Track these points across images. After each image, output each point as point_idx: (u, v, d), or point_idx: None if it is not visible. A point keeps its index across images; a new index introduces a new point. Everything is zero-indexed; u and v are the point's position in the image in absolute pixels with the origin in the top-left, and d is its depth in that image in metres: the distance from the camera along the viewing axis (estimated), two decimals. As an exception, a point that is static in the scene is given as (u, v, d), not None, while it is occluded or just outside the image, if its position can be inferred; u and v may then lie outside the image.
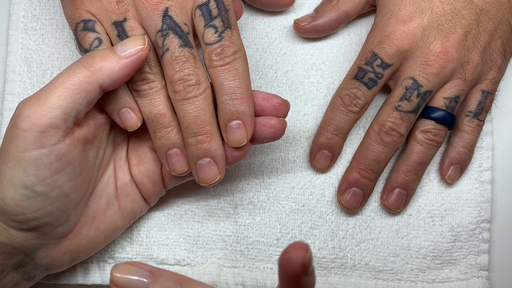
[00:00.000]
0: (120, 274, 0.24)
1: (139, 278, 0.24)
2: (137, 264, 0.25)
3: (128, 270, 0.24)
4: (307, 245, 0.24)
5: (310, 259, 0.24)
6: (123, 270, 0.24)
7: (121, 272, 0.24)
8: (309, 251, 0.24)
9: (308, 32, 0.42)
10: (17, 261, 0.32)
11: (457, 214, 0.41)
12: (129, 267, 0.25)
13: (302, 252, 0.24)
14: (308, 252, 0.24)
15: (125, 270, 0.24)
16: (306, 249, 0.24)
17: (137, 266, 0.25)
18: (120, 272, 0.24)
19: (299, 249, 0.24)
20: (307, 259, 0.24)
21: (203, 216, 0.41)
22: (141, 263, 0.25)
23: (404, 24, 0.38)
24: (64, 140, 0.31)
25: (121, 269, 0.24)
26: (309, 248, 0.24)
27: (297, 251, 0.24)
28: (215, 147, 0.33)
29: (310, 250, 0.24)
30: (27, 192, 0.30)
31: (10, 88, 0.42)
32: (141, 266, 0.25)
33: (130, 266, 0.25)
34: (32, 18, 0.43)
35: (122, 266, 0.25)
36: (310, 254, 0.24)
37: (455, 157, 0.41)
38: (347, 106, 0.39)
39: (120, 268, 0.25)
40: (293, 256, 0.24)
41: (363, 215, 0.41)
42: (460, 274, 0.41)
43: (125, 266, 0.25)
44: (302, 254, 0.24)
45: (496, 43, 0.39)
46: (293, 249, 0.24)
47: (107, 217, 0.36)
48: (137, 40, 0.32)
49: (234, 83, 0.33)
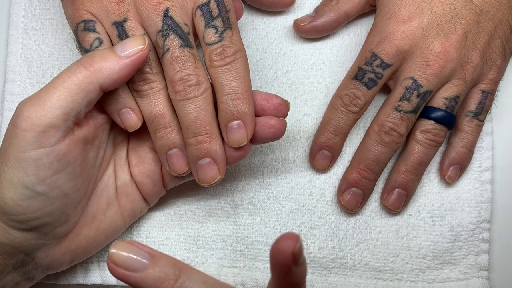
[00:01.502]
0: (118, 251, 0.23)
1: (139, 258, 0.24)
2: (136, 244, 0.24)
3: (127, 248, 0.24)
4: (297, 236, 0.24)
5: (300, 249, 0.24)
6: (122, 247, 0.24)
7: (120, 249, 0.23)
8: (299, 241, 0.24)
9: (308, 32, 0.42)
10: (17, 261, 0.32)
11: (457, 214, 0.41)
12: (129, 246, 0.24)
13: (292, 242, 0.24)
14: (298, 242, 0.24)
15: (124, 248, 0.24)
16: (296, 239, 0.24)
17: (136, 246, 0.24)
18: (119, 249, 0.24)
19: (290, 239, 0.24)
20: (297, 249, 0.24)
21: (203, 216, 0.41)
22: (141, 244, 0.24)
23: (404, 24, 0.38)
24: (64, 140, 0.31)
25: (120, 246, 0.24)
26: (299, 238, 0.24)
27: (287, 241, 0.24)
28: (215, 147, 0.33)
29: (300, 240, 0.24)
30: (27, 192, 0.30)
31: (10, 88, 0.42)
32: (141, 246, 0.24)
33: (130, 245, 0.24)
34: (32, 18, 0.43)
35: (121, 243, 0.24)
36: (300, 244, 0.24)
37: (455, 157, 0.41)
38: (347, 106, 0.39)
39: (119, 245, 0.24)
40: (284, 246, 0.24)
41: (363, 215, 0.41)
42: (460, 274, 0.41)
43: (124, 244, 0.24)
44: (292, 244, 0.24)
45: (496, 43, 0.39)
46: (284, 239, 0.24)
47: (107, 217, 0.36)
48: (137, 40, 0.32)
49: (235, 83, 0.33)
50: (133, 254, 0.23)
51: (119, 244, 0.24)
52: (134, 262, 0.23)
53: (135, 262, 0.23)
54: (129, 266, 0.23)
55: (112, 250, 0.23)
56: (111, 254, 0.23)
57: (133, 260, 0.23)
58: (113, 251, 0.23)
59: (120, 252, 0.23)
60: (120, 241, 0.24)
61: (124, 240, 0.24)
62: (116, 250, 0.23)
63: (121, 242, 0.24)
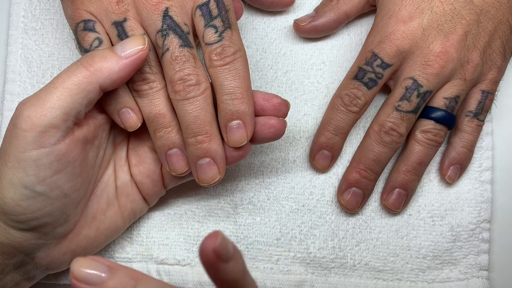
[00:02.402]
0: (79, 267, 0.24)
1: (97, 272, 0.24)
2: (96, 259, 0.25)
3: (86, 263, 0.24)
4: (218, 233, 0.25)
5: (222, 246, 0.25)
6: (81, 264, 0.24)
7: (79, 266, 0.24)
8: (220, 238, 0.25)
9: (308, 32, 0.42)
10: (17, 261, 0.32)
11: (457, 214, 0.41)
12: (88, 261, 0.25)
13: (213, 240, 0.24)
14: (219, 239, 0.24)
15: (83, 264, 0.24)
16: (216, 237, 0.25)
17: (96, 260, 0.25)
18: (79, 265, 0.24)
19: (211, 237, 0.25)
20: (219, 246, 0.24)
21: (203, 216, 0.41)
22: (100, 258, 0.25)
23: (404, 24, 0.38)
24: (64, 140, 0.31)
25: (80, 263, 0.25)
26: (220, 235, 0.25)
27: (209, 239, 0.25)
28: (215, 147, 0.33)
29: (222, 237, 0.25)
30: (27, 192, 0.30)
31: (10, 88, 0.42)
32: (100, 260, 0.25)
33: (89, 260, 0.25)
34: (32, 18, 0.43)
35: (81, 259, 0.25)
36: (222, 241, 0.25)
37: (455, 157, 0.41)
38: (347, 106, 0.39)
39: (79, 262, 0.25)
40: (205, 245, 0.25)
41: (363, 215, 0.41)
42: (460, 274, 0.41)
43: (84, 260, 0.25)
44: (213, 242, 0.24)
45: (496, 43, 0.39)
46: (206, 239, 0.25)
47: (107, 217, 0.36)
48: (137, 40, 0.32)
49: (234, 83, 0.33)
50: (91, 270, 0.24)
51: (79, 260, 0.25)
52: (93, 277, 0.24)
53: (93, 276, 0.24)
54: (89, 281, 0.24)
55: (73, 266, 0.24)
56: (72, 270, 0.24)
57: (91, 275, 0.24)
58: (74, 267, 0.24)
59: (80, 268, 0.24)
60: (80, 258, 0.25)
61: (86, 256, 0.25)
62: (77, 266, 0.24)
63: (81, 259, 0.25)
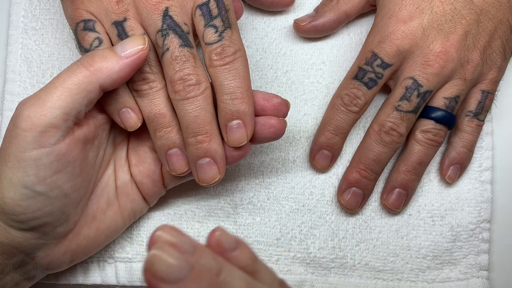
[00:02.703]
0: (165, 235, 0.22)
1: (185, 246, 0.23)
2: (182, 233, 0.23)
3: (175, 235, 0.22)
4: (217, 228, 0.25)
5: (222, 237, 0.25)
6: (169, 232, 0.23)
7: (167, 234, 0.22)
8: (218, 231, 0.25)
9: (308, 32, 0.42)
10: (17, 261, 0.32)
11: (457, 214, 0.41)
12: (176, 233, 0.23)
13: (213, 234, 0.25)
14: (218, 232, 0.25)
15: (171, 233, 0.22)
16: (215, 231, 0.25)
17: (182, 235, 0.23)
18: (166, 233, 0.22)
19: (212, 233, 0.25)
20: (219, 237, 0.25)
21: (203, 216, 0.41)
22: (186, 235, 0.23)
23: (404, 24, 0.38)
24: (64, 140, 0.31)
25: (167, 230, 0.23)
26: (219, 229, 0.25)
27: (210, 235, 0.25)
28: (215, 147, 0.33)
29: (221, 230, 0.25)
30: (27, 192, 0.30)
31: (10, 88, 0.42)
32: (186, 236, 0.23)
33: (176, 232, 0.23)
34: (32, 18, 0.43)
35: (168, 228, 0.23)
36: (221, 233, 0.25)
37: (455, 157, 0.41)
38: (347, 106, 0.39)
39: (166, 230, 0.23)
40: (209, 240, 0.25)
41: (363, 215, 0.41)
42: (460, 274, 0.41)
43: (171, 229, 0.23)
44: (213, 236, 0.25)
45: (496, 43, 0.39)
46: (208, 236, 0.25)
47: (107, 217, 0.36)
48: (137, 40, 0.32)
49: (234, 83, 0.33)
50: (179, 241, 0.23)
51: (166, 228, 0.23)
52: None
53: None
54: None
55: (158, 233, 0.23)
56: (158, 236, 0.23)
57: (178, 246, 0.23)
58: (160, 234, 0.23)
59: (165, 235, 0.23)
60: (166, 226, 0.23)
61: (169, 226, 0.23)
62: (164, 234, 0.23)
63: (168, 227, 0.23)
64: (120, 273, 0.40)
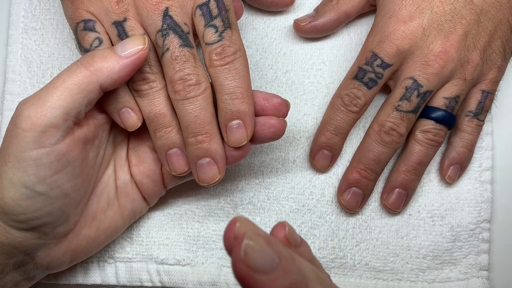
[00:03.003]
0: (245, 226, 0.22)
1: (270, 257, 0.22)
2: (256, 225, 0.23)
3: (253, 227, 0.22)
4: (285, 223, 0.26)
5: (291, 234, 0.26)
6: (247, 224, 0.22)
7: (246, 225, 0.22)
8: (287, 227, 0.26)
9: (308, 32, 0.42)
10: (17, 260, 0.32)
11: (457, 214, 0.41)
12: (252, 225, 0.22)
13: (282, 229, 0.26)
14: (287, 228, 0.26)
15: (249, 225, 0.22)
16: (284, 227, 0.26)
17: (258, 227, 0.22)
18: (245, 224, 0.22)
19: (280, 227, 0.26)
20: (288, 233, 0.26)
21: (203, 216, 0.41)
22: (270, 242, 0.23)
23: (404, 24, 0.38)
24: (64, 140, 0.31)
25: (246, 222, 0.22)
26: (287, 225, 0.26)
27: (278, 229, 0.26)
28: (215, 147, 0.33)
29: (289, 226, 0.26)
30: (27, 192, 0.30)
31: (10, 88, 0.42)
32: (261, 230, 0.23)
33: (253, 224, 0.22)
34: (32, 18, 0.43)
35: (244, 219, 0.22)
36: (290, 229, 0.26)
37: (455, 157, 0.41)
38: (347, 106, 0.39)
39: (244, 221, 0.22)
40: (275, 233, 0.26)
41: (363, 215, 0.41)
42: (460, 274, 0.41)
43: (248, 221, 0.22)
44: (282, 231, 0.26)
45: (496, 43, 0.39)
46: (275, 229, 0.26)
47: (107, 217, 0.36)
48: (137, 40, 0.32)
49: (234, 83, 0.33)
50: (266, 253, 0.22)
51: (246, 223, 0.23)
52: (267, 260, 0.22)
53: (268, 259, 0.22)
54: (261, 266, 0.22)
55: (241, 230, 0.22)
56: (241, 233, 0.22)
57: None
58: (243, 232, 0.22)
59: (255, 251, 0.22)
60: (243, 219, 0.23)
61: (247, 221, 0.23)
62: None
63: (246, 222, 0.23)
64: (120, 273, 0.40)
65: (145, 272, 0.40)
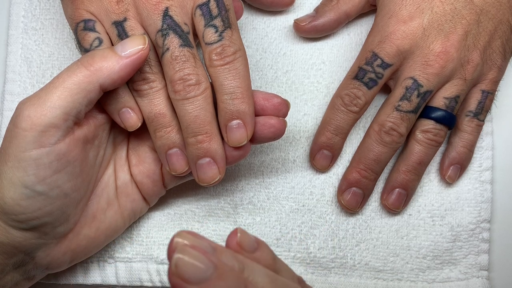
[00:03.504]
0: (184, 239, 0.23)
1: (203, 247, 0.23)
2: (198, 236, 0.23)
3: (192, 238, 0.23)
4: (237, 229, 0.26)
5: (243, 239, 0.26)
6: (186, 236, 0.23)
7: (185, 238, 0.23)
8: (239, 232, 0.26)
9: (308, 32, 0.42)
10: (17, 260, 0.32)
11: (457, 214, 0.41)
12: (193, 236, 0.23)
13: (234, 236, 0.26)
14: (239, 234, 0.26)
15: (189, 237, 0.23)
16: (236, 233, 0.26)
17: (200, 237, 0.23)
18: (184, 238, 0.23)
19: (232, 234, 0.26)
20: (240, 239, 0.26)
21: (203, 216, 0.41)
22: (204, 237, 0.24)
23: (404, 24, 0.38)
24: (64, 139, 0.31)
25: (184, 235, 0.23)
26: (240, 231, 0.26)
27: (231, 237, 0.26)
28: (215, 147, 0.33)
29: (242, 231, 0.26)
30: (27, 192, 0.30)
31: (10, 88, 0.42)
32: (204, 240, 0.23)
33: (193, 235, 0.23)
34: (32, 18, 0.43)
35: (184, 233, 0.23)
36: (242, 234, 0.26)
37: (455, 157, 0.41)
38: (347, 106, 0.39)
39: (184, 234, 0.23)
40: (229, 242, 0.26)
41: (363, 215, 0.41)
42: (460, 274, 0.41)
43: (188, 234, 0.23)
44: (234, 237, 0.26)
45: (496, 43, 0.39)
46: (228, 237, 0.26)
47: (107, 217, 0.36)
48: (137, 39, 0.32)
49: (234, 83, 0.33)
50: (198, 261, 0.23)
51: (182, 234, 0.23)
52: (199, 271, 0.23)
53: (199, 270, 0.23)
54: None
55: (177, 239, 0.23)
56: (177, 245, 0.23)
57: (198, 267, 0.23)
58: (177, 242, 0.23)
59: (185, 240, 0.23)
60: (183, 232, 0.23)
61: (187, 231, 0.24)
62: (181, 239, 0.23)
63: (184, 233, 0.23)
64: (120, 273, 0.40)
65: (145, 272, 0.40)
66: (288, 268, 0.28)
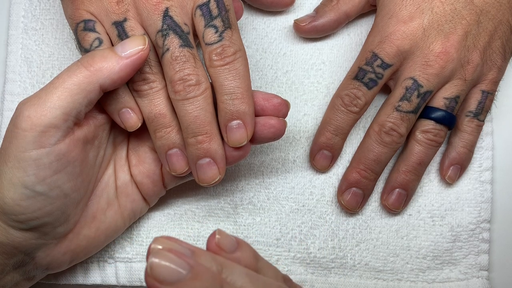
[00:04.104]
0: (160, 245, 0.24)
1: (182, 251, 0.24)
2: (176, 240, 0.24)
3: (169, 242, 0.24)
4: (216, 231, 0.26)
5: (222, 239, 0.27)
6: (163, 241, 0.24)
7: (161, 243, 0.24)
8: (218, 233, 0.26)
9: (308, 32, 0.42)
10: (17, 261, 0.32)
11: (457, 214, 0.41)
12: (170, 240, 0.24)
13: (213, 237, 0.27)
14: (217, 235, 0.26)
15: (165, 241, 0.24)
16: (215, 235, 0.26)
17: (178, 241, 0.24)
18: (160, 243, 0.24)
19: (211, 236, 0.26)
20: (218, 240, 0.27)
21: (203, 216, 0.41)
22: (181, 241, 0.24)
23: (404, 24, 0.38)
24: (64, 140, 0.31)
25: (161, 240, 0.24)
26: (218, 231, 0.27)
27: (210, 238, 0.26)
28: (215, 147, 0.33)
29: (220, 232, 0.27)
30: (27, 192, 0.30)
31: (10, 88, 0.42)
32: (183, 243, 0.24)
33: (171, 240, 0.24)
34: (32, 18, 0.43)
35: (161, 239, 0.24)
36: (221, 235, 0.26)
37: (455, 157, 0.41)
38: (347, 106, 0.39)
39: (160, 240, 0.24)
40: (209, 244, 0.26)
41: (363, 215, 0.41)
42: (460, 274, 0.41)
43: (165, 239, 0.24)
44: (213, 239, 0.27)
45: (496, 43, 0.39)
46: (208, 239, 0.26)
47: (107, 217, 0.36)
48: (137, 40, 0.32)
49: (234, 83, 0.33)
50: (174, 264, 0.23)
51: (159, 239, 0.24)
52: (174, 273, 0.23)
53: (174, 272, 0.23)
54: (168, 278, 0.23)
55: (154, 246, 0.24)
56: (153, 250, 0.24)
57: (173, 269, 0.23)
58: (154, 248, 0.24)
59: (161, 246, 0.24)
60: (160, 237, 0.24)
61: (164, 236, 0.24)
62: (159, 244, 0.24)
63: (161, 238, 0.24)
64: (120, 273, 0.40)
65: (145, 272, 0.40)
66: (272, 267, 0.29)
